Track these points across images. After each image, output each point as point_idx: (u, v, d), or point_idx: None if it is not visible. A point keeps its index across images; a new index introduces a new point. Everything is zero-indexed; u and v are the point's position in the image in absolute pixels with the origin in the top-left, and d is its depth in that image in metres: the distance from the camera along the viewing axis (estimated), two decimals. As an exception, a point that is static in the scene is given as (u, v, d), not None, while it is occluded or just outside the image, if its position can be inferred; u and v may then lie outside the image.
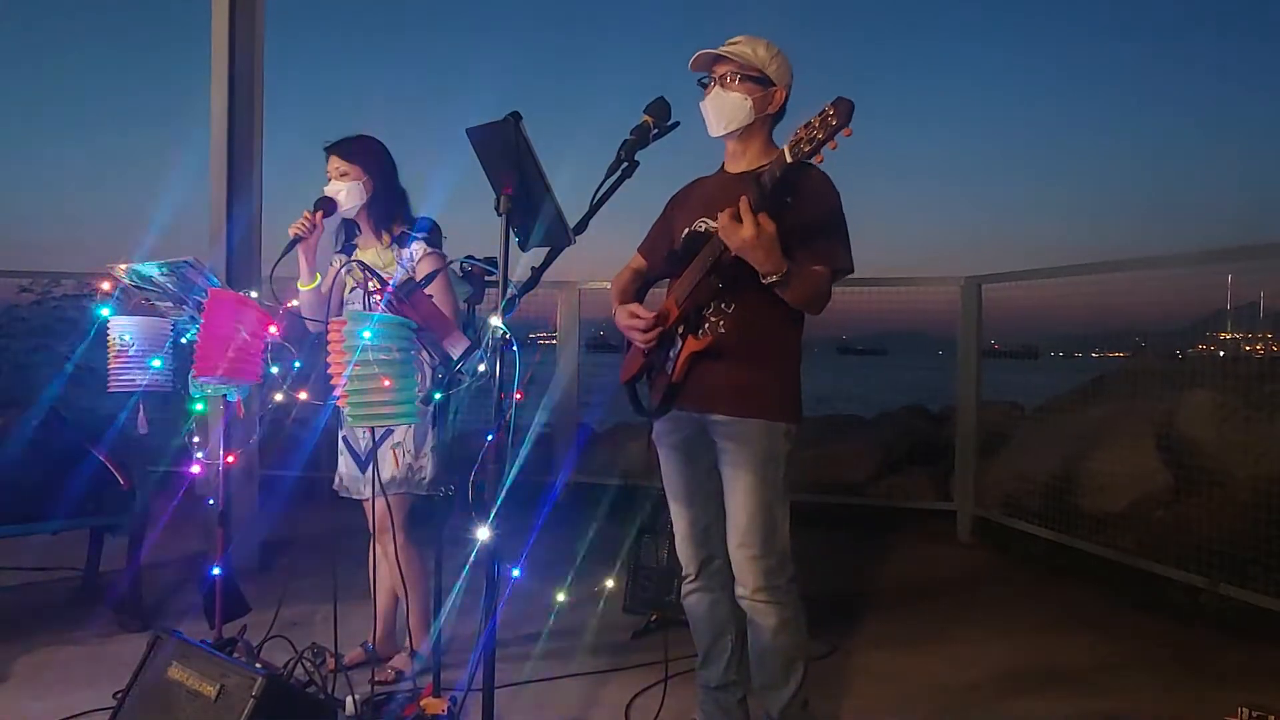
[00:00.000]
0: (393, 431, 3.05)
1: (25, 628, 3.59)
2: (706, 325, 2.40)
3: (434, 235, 3.13)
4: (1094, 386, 5.73)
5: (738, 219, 2.15)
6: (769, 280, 2.21)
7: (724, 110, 2.40)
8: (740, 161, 2.49)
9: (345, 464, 3.21)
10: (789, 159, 2.09)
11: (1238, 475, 4.41)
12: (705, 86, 2.44)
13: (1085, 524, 4.80)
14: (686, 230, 2.49)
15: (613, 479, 6.21)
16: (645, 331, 2.43)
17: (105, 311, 3.04)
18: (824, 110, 2.03)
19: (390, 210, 3.16)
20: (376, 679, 3.03)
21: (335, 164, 3.12)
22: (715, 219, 2.38)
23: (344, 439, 3.18)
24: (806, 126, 2.06)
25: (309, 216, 3.05)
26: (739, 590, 2.45)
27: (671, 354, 2.44)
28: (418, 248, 3.09)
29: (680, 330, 2.43)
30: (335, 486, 3.24)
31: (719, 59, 2.40)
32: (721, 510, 2.54)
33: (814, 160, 2.10)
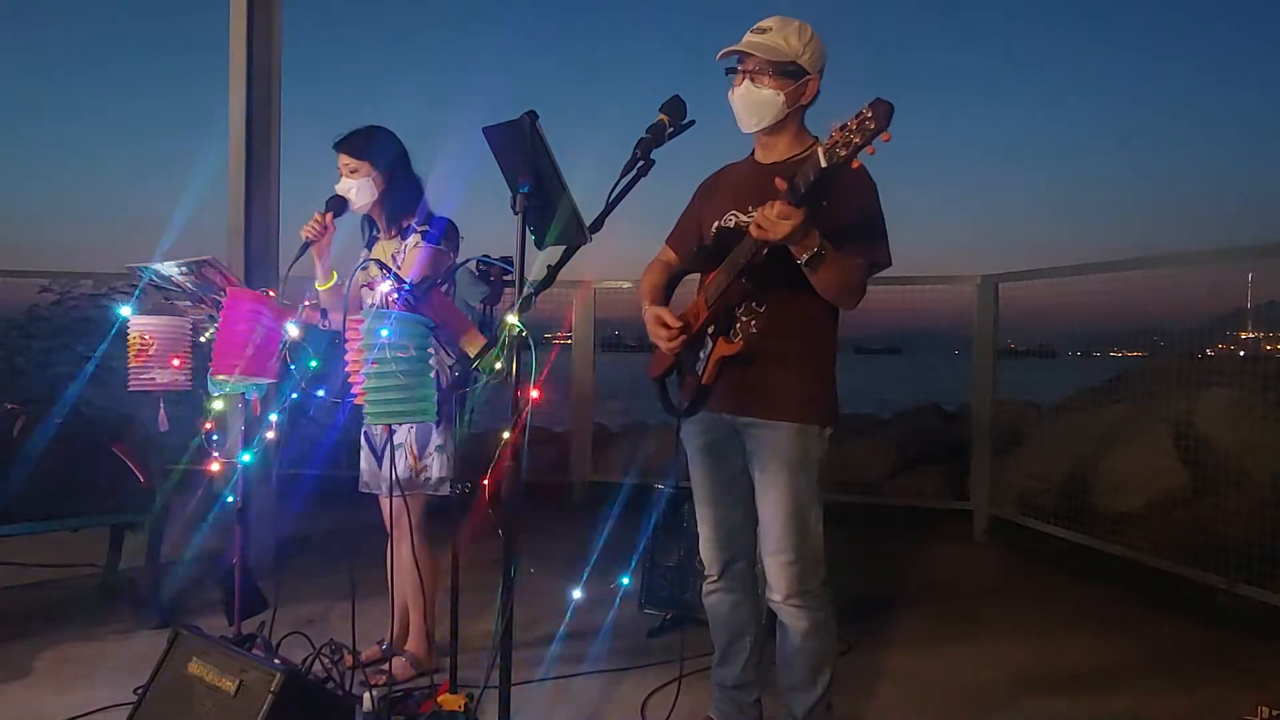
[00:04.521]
0: (396, 431, 3.05)
1: (47, 624, 3.63)
2: (738, 326, 2.35)
3: (450, 234, 3.13)
4: (1111, 385, 5.70)
5: (782, 216, 2.03)
6: (805, 257, 2.11)
7: (755, 108, 2.31)
8: (772, 152, 2.40)
9: (366, 459, 3.23)
10: (823, 163, 1.95)
11: (1256, 474, 4.39)
12: (733, 75, 2.33)
13: (1102, 523, 4.78)
14: (716, 225, 2.43)
15: (629, 477, 6.21)
16: (670, 340, 2.37)
17: (125, 310, 3.07)
18: (861, 113, 1.89)
19: (401, 205, 3.13)
20: (363, 663, 3.00)
21: (345, 161, 3.08)
22: (746, 212, 2.34)
23: (365, 435, 3.19)
24: (842, 129, 1.91)
25: (319, 218, 3.03)
26: (771, 595, 2.41)
27: (702, 355, 2.39)
28: (413, 240, 3.08)
29: (710, 331, 2.38)
30: (360, 487, 3.26)
31: (747, 51, 2.28)
32: (748, 514, 2.50)
33: (851, 165, 1.95)
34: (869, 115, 1.88)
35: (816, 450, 2.36)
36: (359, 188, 3.07)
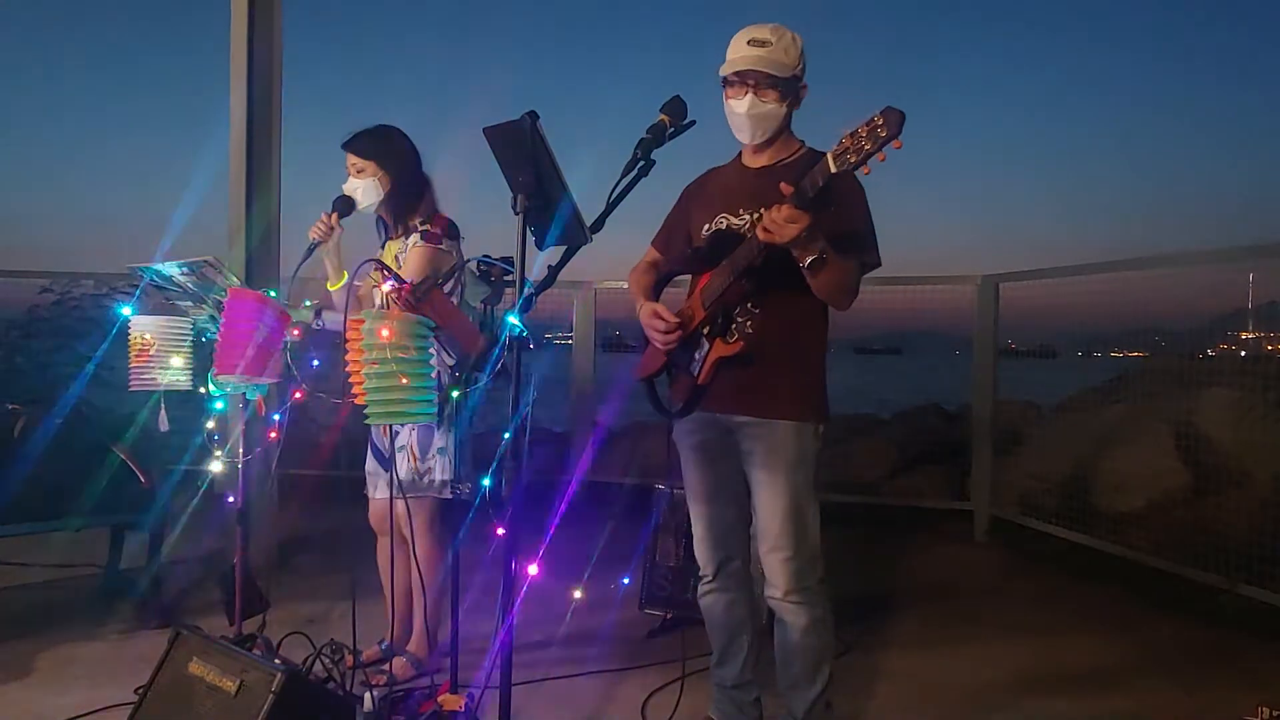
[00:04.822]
0: (399, 434, 3.06)
1: (48, 624, 3.63)
2: (734, 327, 2.37)
3: (451, 233, 3.12)
4: (1112, 385, 5.69)
5: (790, 220, 2.05)
6: (809, 261, 2.12)
7: (760, 121, 2.35)
8: (761, 156, 2.44)
9: (371, 463, 3.23)
10: (833, 169, 1.97)
11: (1257, 475, 4.38)
12: (730, 86, 2.34)
13: (1103, 524, 4.78)
14: (708, 228, 2.46)
15: (629, 478, 6.21)
16: (666, 334, 2.41)
17: (126, 311, 3.07)
18: (872, 120, 1.91)
19: (407, 204, 3.11)
20: (364, 664, 3.03)
21: (352, 161, 3.08)
22: (736, 215, 2.39)
23: (373, 438, 3.20)
24: (852, 136, 1.93)
25: (326, 219, 3.04)
26: (770, 592, 2.43)
27: (697, 356, 2.41)
28: (414, 239, 3.07)
29: (706, 332, 2.40)
30: (366, 491, 3.27)
31: (754, 69, 2.29)
32: (741, 512, 2.55)
33: (860, 171, 1.97)
34: (880, 123, 1.90)
35: (812, 447, 2.40)
36: (365, 188, 3.07)
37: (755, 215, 2.32)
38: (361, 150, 3.07)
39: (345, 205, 3.06)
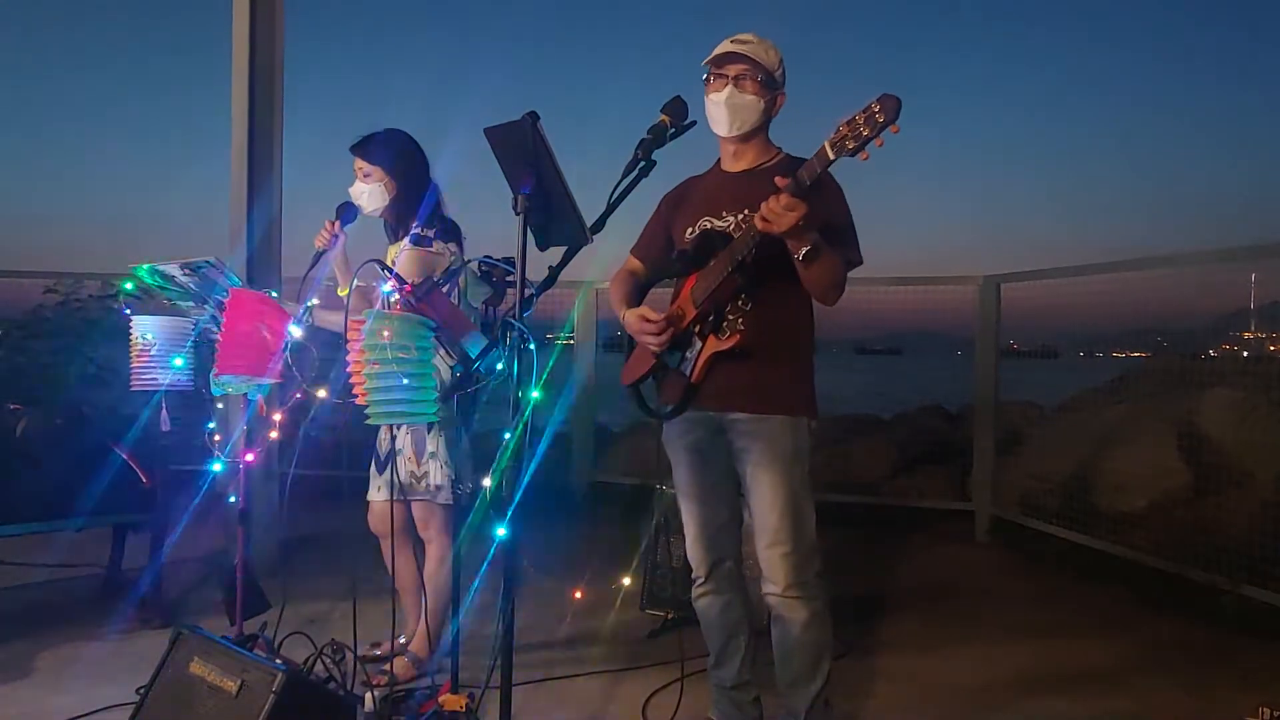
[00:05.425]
0: (397, 436, 3.07)
1: (49, 624, 3.63)
2: (725, 324, 2.38)
3: (450, 234, 3.12)
4: (1114, 385, 5.70)
5: (788, 208, 2.08)
6: (804, 251, 2.16)
7: (739, 112, 2.38)
8: (739, 161, 2.48)
9: (372, 470, 3.24)
10: (831, 156, 2.04)
11: (1259, 475, 4.38)
12: (711, 81, 2.40)
13: (1104, 524, 4.77)
14: (691, 231, 2.48)
15: (630, 478, 6.22)
16: (659, 335, 2.42)
17: (127, 311, 3.08)
18: (869, 106, 1.97)
19: (410, 209, 3.12)
20: (378, 657, 3.06)
21: (359, 165, 3.10)
22: (719, 217, 2.42)
23: (375, 447, 3.21)
24: (850, 123, 1.99)
25: (329, 226, 3.05)
26: (769, 589, 2.43)
27: (689, 354, 2.42)
28: (404, 242, 3.07)
29: (698, 330, 2.41)
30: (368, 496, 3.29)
31: (738, 57, 2.36)
32: (733, 512, 2.56)
33: (859, 157, 2.02)
34: (877, 109, 1.96)
35: (806, 442, 2.43)
36: (370, 192, 3.09)
37: (739, 216, 2.37)
38: (370, 155, 3.09)
39: (347, 212, 3.08)
